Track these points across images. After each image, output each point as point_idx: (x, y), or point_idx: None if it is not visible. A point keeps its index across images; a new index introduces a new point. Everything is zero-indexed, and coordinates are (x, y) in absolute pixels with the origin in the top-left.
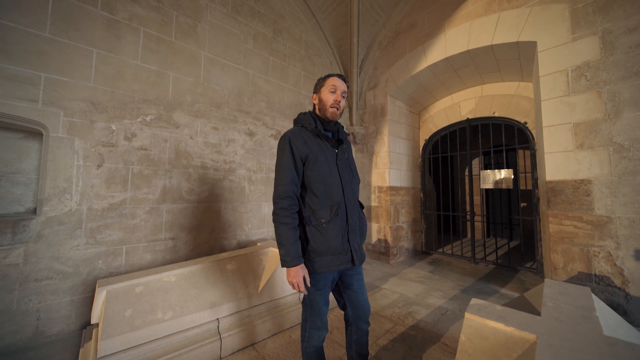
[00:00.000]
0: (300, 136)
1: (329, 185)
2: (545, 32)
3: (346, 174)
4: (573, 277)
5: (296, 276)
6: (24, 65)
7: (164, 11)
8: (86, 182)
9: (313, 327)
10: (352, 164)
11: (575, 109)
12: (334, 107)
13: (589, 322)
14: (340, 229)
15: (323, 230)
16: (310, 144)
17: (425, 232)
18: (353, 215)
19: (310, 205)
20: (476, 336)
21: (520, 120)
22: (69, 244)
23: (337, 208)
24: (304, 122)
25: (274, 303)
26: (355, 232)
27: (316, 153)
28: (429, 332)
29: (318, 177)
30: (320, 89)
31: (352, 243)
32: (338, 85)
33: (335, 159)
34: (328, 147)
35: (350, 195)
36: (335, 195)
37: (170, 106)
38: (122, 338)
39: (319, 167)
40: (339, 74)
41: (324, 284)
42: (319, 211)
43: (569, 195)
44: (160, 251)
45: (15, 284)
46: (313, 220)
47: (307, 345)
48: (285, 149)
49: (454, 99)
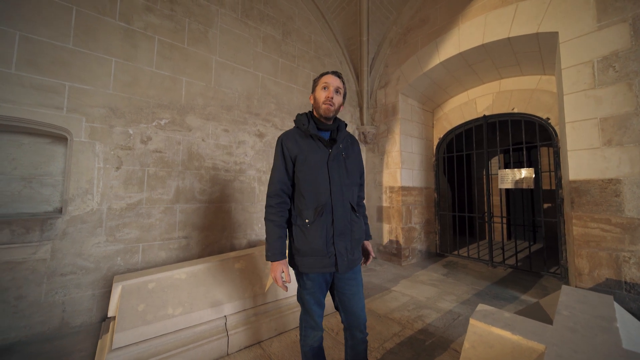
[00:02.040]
0: (293, 137)
1: (316, 185)
2: (567, 22)
3: (337, 174)
4: (600, 284)
5: (274, 270)
6: (49, 75)
7: (176, 19)
8: (106, 183)
9: (307, 326)
10: (351, 165)
11: (602, 102)
12: (326, 103)
13: (607, 333)
14: (323, 231)
15: (307, 230)
16: (301, 144)
17: (439, 233)
18: (341, 218)
19: (298, 205)
20: (481, 343)
21: (542, 116)
22: (91, 242)
23: (322, 209)
24: (299, 122)
25: (280, 303)
26: (344, 235)
27: (306, 153)
28: (439, 337)
29: (306, 177)
30: (314, 88)
31: (338, 247)
32: (330, 81)
33: (327, 160)
34: (320, 147)
35: (339, 196)
36: (322, 196)
37: (183, 110)
38: (134, 331)
39: (308, 168)
40: (333, 71)
41: (312, 284)
42: (304, 211)
43: (595, 196)
44: (174, 249)
45: (43, 277)
46: (298, 220)
47: (303, 344)
48: (277, 149)
49: (469, 95)
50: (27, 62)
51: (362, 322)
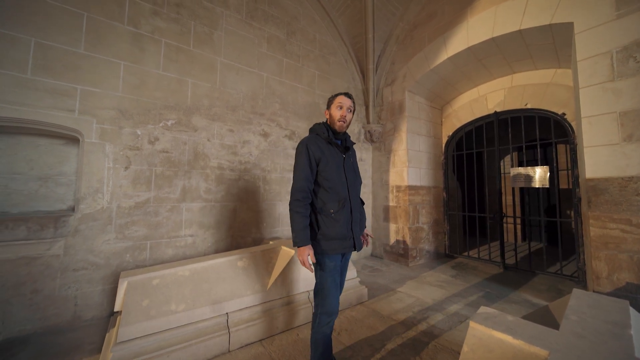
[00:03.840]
0: (315, 142)
1: (337, 183)
2: (583, 11)
3: (351, 175)
4: (620, 288)
5: (302, 254)
6: (62, 79)
7: (182, 22)
8: (115, 182)
9: (323, 312)
10: (356, 168)
11: (622, 95)
12: (341, 121)
13: (618, 341)
14: (346, 219)
15: (332, 219)
16: (323, 149)
17: (448, 234)
18: (355, 210)
19: (322, 198)
20: (480, 347)
21: (557, 111)
22: (101, 239)
23: (343, 202)
24: (319, 131)
25: (282, 301)
26: (357, 223)
27: (327, 157)
28: (443, 339)
29: (329, 176)
30: (330, 105)
31: (355, 232)
32: (344, 102)
33: (343, 163)
34: (337, 152)
35: (354, 192)
36: (341, 192)
37: (189, 111)
38: (138, 326)
39: (329, 169)
40: (346, 92)
41: (333, 266)
42: (329, 204)
43: (614, 195)
44: (181, 247)
45: (57, 272)
46: (324, 210)
47: (316, 331)
48: (303, 152)
49: (479, 91)
50: (41, 67)
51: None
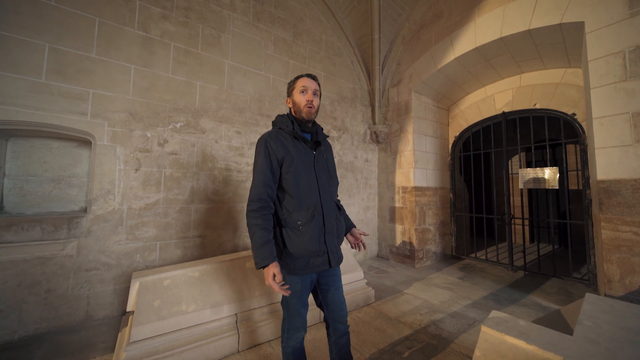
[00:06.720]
0: (277, 138)
1: (305, 187)
2: (594, 10)
3: (323, 175)
4: (633, 292)
5: (267, 276)
6: (75, 83)
7: (191, 25)
8: (126, 184)
9: (291, 328)
10: (331, 166)
11: (635, 96)
12: (308, 107)
13: (635, 348)
14: (316, 231)
15: (299, 232)
16: (287, 145)
17: (455, 235)
18: (329, 217)
19: (287, 207)
20: (492, 352)
21: (567, 111)
22: (112, 239)
23: (313, 210)
24: (282, 123)
25: None
26: (332, 233)
27: (293, 154)
28: (452, 342)
29: (295, 179)
30: (292, 92)
31: (329, 245)
32: (308, 85)
33: (313, 161)
34: (305, 148)
35: (327, 197)
36: (312, 197)
37: (197, 113)
38: (150, 326)
39: (296, 169)
40: (308, 73)
41: (302, 286)
42: (295, 213)
43: (626, 197)
44: (189, 247)
45: (70, 272)
46: (289, 222)
47: (285, 345)
48: (262, 151)
49: (487, 92)
50: (55, 71)
51: (344, 315)
